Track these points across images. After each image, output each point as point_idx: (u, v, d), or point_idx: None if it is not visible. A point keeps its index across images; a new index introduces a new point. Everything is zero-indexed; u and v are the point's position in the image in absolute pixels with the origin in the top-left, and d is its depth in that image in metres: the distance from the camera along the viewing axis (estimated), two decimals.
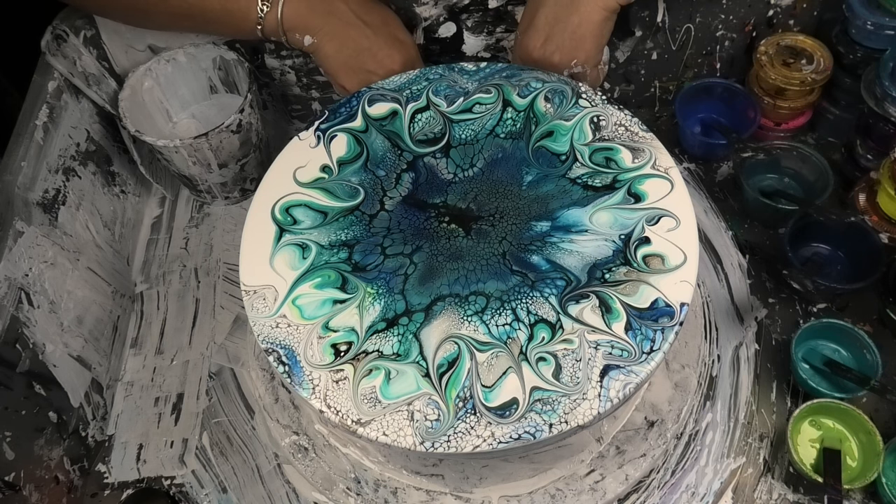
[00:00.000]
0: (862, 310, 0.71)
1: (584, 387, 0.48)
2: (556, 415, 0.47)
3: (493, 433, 0.47)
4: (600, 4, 0.66)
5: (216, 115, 0.84)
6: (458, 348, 0.50)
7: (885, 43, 0.73)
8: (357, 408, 0.49)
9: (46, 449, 0.65)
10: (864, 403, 0.65)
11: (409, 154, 0.60)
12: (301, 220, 0.57)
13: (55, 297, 0.68)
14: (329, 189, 0.59)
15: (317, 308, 0.53)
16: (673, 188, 0.56)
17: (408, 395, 0.49)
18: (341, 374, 0.50)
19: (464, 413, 0.48)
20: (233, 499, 0.66)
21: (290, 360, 0.51)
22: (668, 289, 0.51)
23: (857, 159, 0.77)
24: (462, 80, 0.64)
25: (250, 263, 0.55)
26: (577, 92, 0.62)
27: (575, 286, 0.52)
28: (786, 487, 0.63)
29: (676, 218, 0.54)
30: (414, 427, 0.48)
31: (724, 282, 0.74)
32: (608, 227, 0.55)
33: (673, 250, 0.53)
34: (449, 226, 0.57)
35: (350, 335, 0.51)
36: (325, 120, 0.62)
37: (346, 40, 0.70)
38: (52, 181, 0.72)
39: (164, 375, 0.74)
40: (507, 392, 0.48)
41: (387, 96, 0.63)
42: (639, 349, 0.49)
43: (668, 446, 0.63)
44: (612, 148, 0.59)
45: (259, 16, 0.69)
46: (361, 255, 0.55)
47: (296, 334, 0.52)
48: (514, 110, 0.62)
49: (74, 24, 0.77)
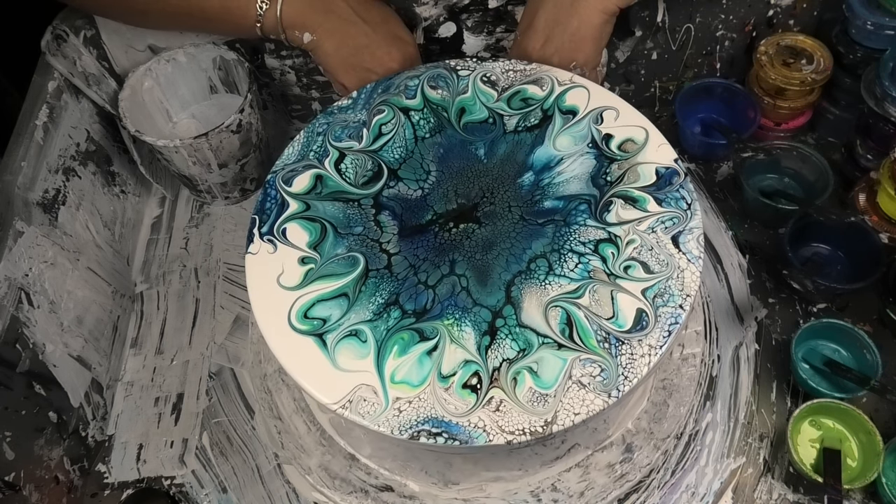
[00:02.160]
0: (862, 310, 0.71)
1: (674, 262, 0.53)
2: (676, 295, 0.51)
3: (649, 345, 0.49)
4: (600, 7, 0.66)
5: (216, 115, 0.84)
6: (562, 309, 0.51)
7: (885, 43, 0.73)
8: (534, 414, 0.48)
9: (46, 449, 0.65)
10: (864, 403, 0.65)
11: (367, 200, 0.58)
12: (328, 315, 0.53)
13: (55, 297, 0.68)
14: (326, 274, 0.55)
15: (419, 370, 0.50)
16: (589, 90, 0.62)
17: (563, 372, 0.49)
18: (495, 401, 0.48)
19: (616, 350, 0.49)
20: (233, 499, 0.66)
21: (440, 426, 0.48)
22: (655, 157, 0.58)
23: (857, 159, 0.77)
24: (350, 117, 0.63)
25: (320, 383, 0.50)
26: (450, 67, 0.65)
27: (596, 201, 0.56)
28: (786, 487, 0.63)
29: (613, 108, 0.61)
30: (591, 390, 0.48)
31: (724, 282, 0.74)
32: (573, 145, 0.60)
33: (632, 130, 0.60)
34: (458, 228, 0.57)
35: (470, 367, 0.50)
36: (261, 223, 0.57)
37: (345, 38, 0.70)
38: (52, 181, 0.72)
39: (164, 375, 0.74)
40: (628, 310, 0.51)
41: (297, 169, 0.60)
42: (680, 210, 0.55)
43: (668, 446, 0.63)
44: (519, 90, 0.63)
45: (258, 13, 0.69)
46: (412, 301, 0.53)
47: (423, 404, 0.49)
48: (416, 111, 0.63)
49: (74, 24, 0.77)
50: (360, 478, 0.61)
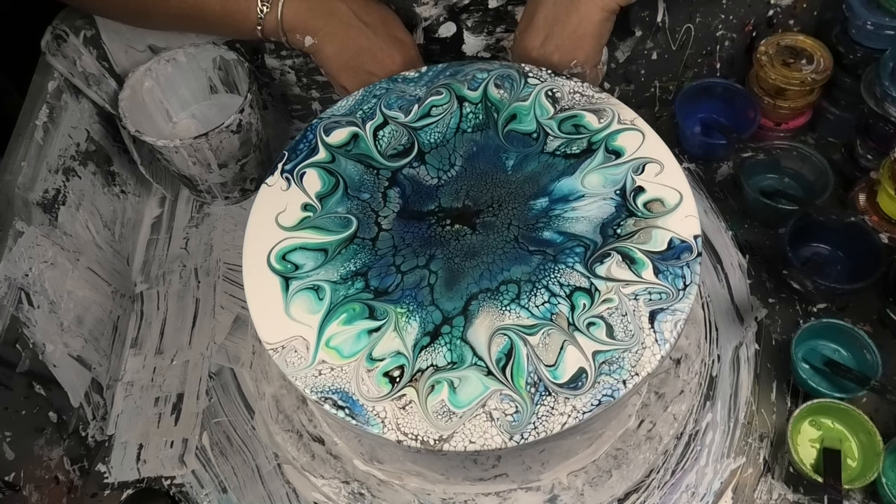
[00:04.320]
0: (862, 310, 0.71)
1: (640, 337, 0.50)
2: (625, 370, 0.49)
3: (573, 406, 0.48)
4: (600, 5, 0.66)
5: (216, 115, 0.84)
6: (508, 339, 0.51)
7: (885, 43, 0.73)
8: (434, 426, 0.48)
9: (46, 449, 0.65)
10: (864, 403, 0.65)
11: (386, 171, 0.59)
12: (302, 263, 0.55)
13: (55, 297, 0.68)
14: (319, 226, 0.57)
15: (354, 343, 0.51)
16: (644, 137, 0.59)
17: (479, 398, 0.48)
18: (405, 399, 0.49)
19: (539, 397, 0.48)
20: (233, 499, 0.66)
21: (346, 402, 0.49)
22: (676, 227, 0.55)
23: (857, 159, 0.77)
24: (409, 89, 0.64)
25: (266, 321, 0.53)
26: (523, 72, 0.64)
27: (594, 249, 0.54)
28: (786, 487, 0.63)
29: (658, 162, 0.58)
30: (497, 426, 0.48)
31: (724, 282, 0.74)
32: (601, 186, 0.57)
33: (667, 192, 0.56)
34: (453, 227, 0.57)
35: (399, 359, 0.50)
36: (288, 160, 0.60)
37: (346, 41, 0.70)
38: (52, 181, 0.72)
39: (164, 375, 0.74)
40: (571, 364, 0.49)
41: (341, 122, 0.62)
42: (674, 288, 0.52)
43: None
44: (576, 115, 0.61)
45: (259, 17, 0.69)
46: (378, 279, 0.54)
47: (343, 375, 0.50)
48: (470, 104, 0.63)
49: (74, 24, 0.77)
50: (302, 422, 0.63)
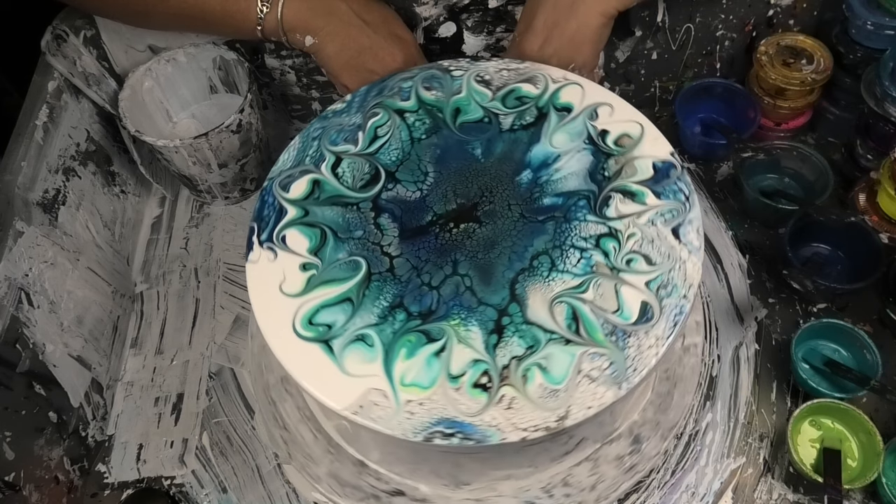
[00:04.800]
0: (862, 310, 0.71)
1: (675, 254, 0.53)
2: (679, 286, 0.52)
3: (655, 336, 0.50)
4: (599, 10, 0.66)
5: (216, 115, 0.84)
6: (566, 304, 0.51)
7: (885, 43, 0.73)
8: (546, 409, 0.47)
9: (46, 449, 0.65)
10: (864, 403, 0.65)
11: (365, 203, 0.57)
12: (332, 320, 0.52)
13: (55, 297, 0.68)
14: (329, 279, 0.54)
15: (428, 371, 0.49)
16: (583, 87, 0.62)
17: (572, 366, 0.49)
18: (507, 399, 0.48)
19: (622, 342, 0.49)
20: (233, 499, 0.66)
21: (454, 427, 0.47)
22: (651, 151, 0.58)
23: (857, 159, 0.77)
24: (345, 121, 0.62)
25: (329, 389, 0.49)
26: (443, 68, 0.65)
27: (595, 196, 0.56)
28: (786, 487, 0.63)
29: (607, 104, 0.61)
30: (602, 383, 0.48)
31: (724, 282, 0.74)
32: (570, 141, 0.59)
33: (627, 126, 0.60)
34: (459, 228, 0.56)
35: (479, 366, 0.49)
36: (259, 231, 0.56)
37: (347, 40, 0.70)
38: (52, 181, 0.72)
39: (164, 375, 0.74)
40: (633, 302, 0.51)
41: (293, 175, 0.59)
42: (679, 202, 0.55)
43: (668, 445, 0.63)
44: (513, 88, 0.63)
45: (259, 16, 0.69)
46: (417, 303, 0.52)
47: (435, 405, 0.48)
48: (411, 113, 0.62)
49: (74, 24, 0.77)
50: (371, 483, 0.60)
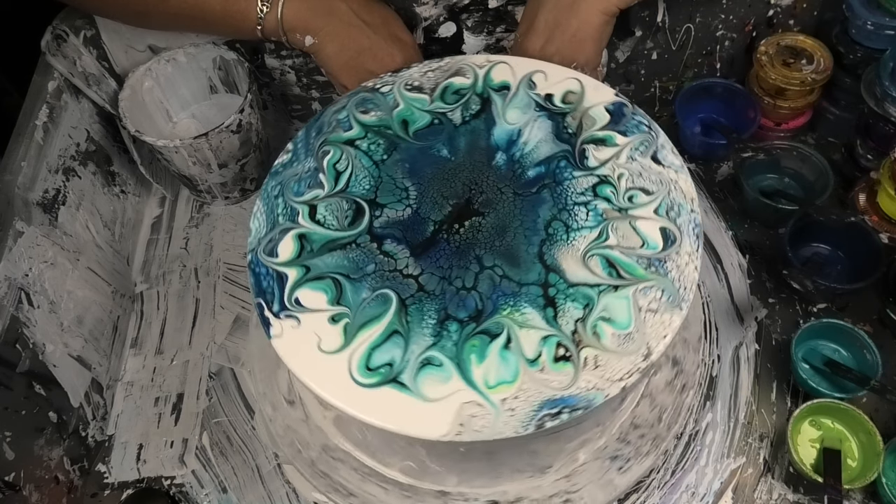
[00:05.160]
0: (862, 310, 0.71)
1: (664, 177, 0.57)
2: (683, 204, 0.55)
3: (686, 253, 0.53)
4: (600, 8, 0.66)
5: (216, 115, 0.84)
6: (596, 256, 0.53)
7: (885, 43, 0.73)
8: (631, 354, 0.49)
9: (46, 449, 0.65)
10: (864, 403, 0.65)
11: (362, 237, 0.56)
12: (391, 358, 0.50)
13: (55, 297, 0.68)
14: (365, 321, 0.51)
15: (506, 366, 0.49)
16: (508, 62, 0.64)
17: (630, 307, 0.51)
18: (590, 359, 0.49)
19: (661, 269, 0.52)
20: (233, 499, 0.66)
21: (556, 404, 0.47)
22: (599, 99, 0.61)
23: (857, 159, 0.77)
24: (299, 168, 0.60)
25: (424, 423, 0.48)
26: (369, 88, 0.64)
27: (572, 153, 0.59)
28: (786, 487, 0.63)
29: (539, 71, 0.63)
30: (664, 310, 0.51)
31: (724, 282, 0.74)
32: (523, 114, 0.61)
33: (566, 83, 0.62)
34: (465, 226, 0.56)
35: (550, 341, 0.50)
36: (268, 305, 0.53)
37: (347, 41, 0.70)
38: (52, 181, 0.72)
39: (164, 375, 0.74)
40: (653, 232, 0.54)
41: (275, 239, 0.56)
42: (646, 132, 0.59)
43: (668, 445, 0.63)
44: (446, 86, 0.64)
45: (259, 16, 0.69)
46: (463, 310, 0.52)
47: (530, 393, 0.48)
48: (361, 140, 0.61)
49: (74, 24, 0.77)
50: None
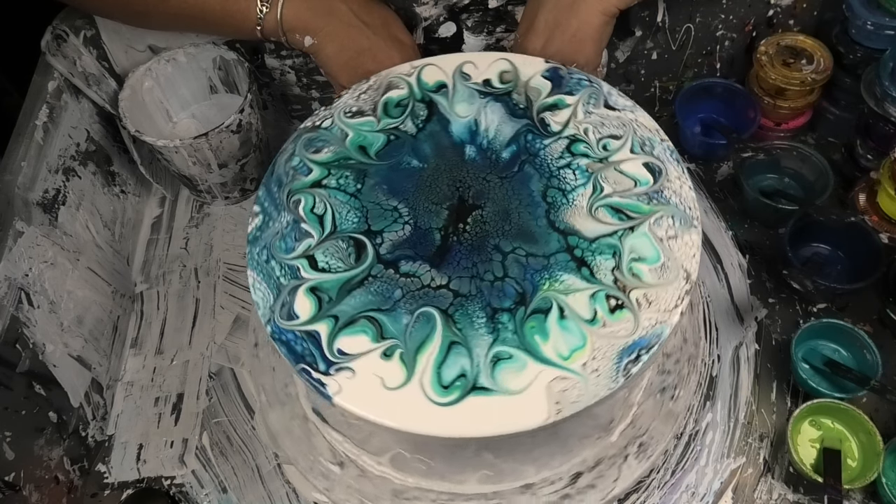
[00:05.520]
0: (862, 310, 0.71)
1: (624, 118, 0.60)
2: (654, 137, 0.59)
3: (677, 179, 0.56)
4: (600, 8, 0.66)
5: (216, 115, 0.84)
6: (602, 207, 0.56)
7: (885, 43, 0.73)
8: (672, 281, 0.52)
9: (46, 449, 0.65)
10: (864, 403, 0.65)
11: (376, 268, 0.54)
12: (460, 367, 0.49)
13: (55, 297, 0.68)
14: (418, 345, 0.50)
15: (570, 333, 0.50)
16: (435, 63, 0.65)
17: (653, 240, 0.54)
18: (642, 299, 0.51)
19: (664, 199, 0.56)
20: (233, 499, 0.66)
21: (636, 347, 0.49)
22: (532, 70, 0.64)
23: (857, 159, 0.77)
24: (277, 226, 0.56)
25: (520, 416, 0.48)
26: (312, 127, 0.62)
27: (532, 125, 0.61)
28: (786, 487, 0.63)
29: (466, 62, 0.65)
30: (684, 230, 0.54)
31: (724, 282, 0.74)
32: (471, 105, 0.62)
33: (496, 65, 0.64)
34: (469, 223, 0.56)
35: (598, 297, 0.51)
36: (315, 368, 0.50)
37: (346, 41, 0.70)
38: (52, 181, 0.72)
39: (164, 375, 0.74)
40: (639, 170, 0.57)
41: (285, 301, 0.53)
42: (590, 85, 0.62)
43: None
44: (385, 101, 0.63)
45: (258, 17, 0.69)
46: (505, 299, 0.52)
47: (605, 351, 0.49)
48: (326, 177, 0.59)
49: (74, 24, 0.77)
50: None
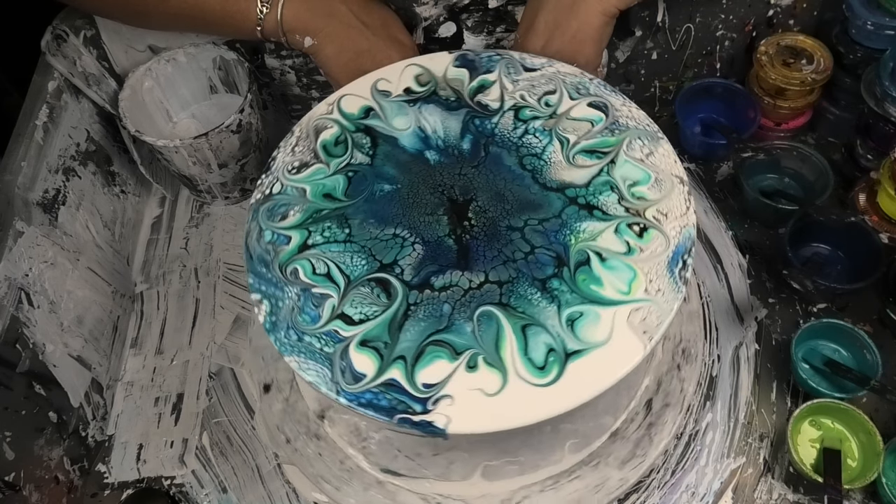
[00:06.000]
0: (862, 310, 0.71)
1: (545, 72, 0.63)
2: (578, 77, 0.63)
3: (621, 103, 0.60)
4: (600, 9, 0.66)
5: (216, 115, 0.84)
6: (576, 152, 0.58)
7: (885, 43, 0.73)
8: (677, 197, 0.55)
9: (46, 449, 0.65)
10: (864, 403, 0.65)
11: (410, 296, 0.53)
12: (546, 346, 0.50)
13: (55, 297, 0.68)
14: (496, 344, 0.50)
15: (624, 271, 0.52)
16: (347, 92, 0.65)
17: (643, 165, 0.57)
18: (655, 218, 0.54)
19: (621, 125, 0.59)
20: (233, 499, 0.66)
21: (679, 253, 0.52)
22: (441, 64, 0.65)
23: (857, 159, 0.77)
24: (289, 303, 0.53)
25: (615, 363, 0.49)
26: (267, 195, 0.59)
27: (473, 111, 0.62)
28: (786, 487, 0.63)
29: (380, 80, 0.65)
30: (648, 133, 0.58)
31: (724, 282, 0.74)
32: (404, 114, 0.63)
33: (405, 72, 0.65)
34: (471, 217, 0.57)
35: (621, 229, 0.54)
36: (413, 412, 0.48)
37: (346, 42, 0.70)
38: (52, 181, 0.72)
39: (164, 375, 0.74)
40: (588, 110, 0.61)
41: (345, 367, 0.50)
42: (498, 58, 0.65)
43: (668, 445, 0.63)
44: (324, 144, 0.62)
45: (259, 17, 0.69)
46: (545, 267, 0.53)
47: (657, 267, 0.52)
48: (311, 235, 0.56)
49: (74, 24, 0.77)
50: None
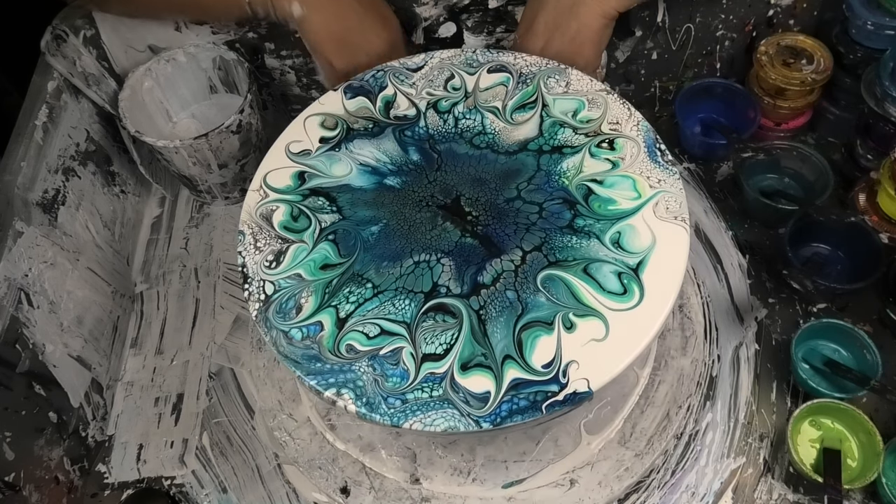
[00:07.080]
0: (862, 310, 0.71)
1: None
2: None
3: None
4: (599, 11, 0.65)
5: (216, 115, 0.84)
6: (520, 110, 0.62)
7: (885, 43, 0.73)
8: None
9: (46, 449, 0.65)
10: (864, 403, 0.65)
11: (473, 301, 0.52)
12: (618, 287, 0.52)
13: (55, 298, 0.68)
14: (581, 312, 0.51)
15: (620, 183, 0.57)
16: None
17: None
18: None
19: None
20: (233, 499, 0.66)
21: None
22: (388, 93, 0.66)
23: (857, 159, 0.77)
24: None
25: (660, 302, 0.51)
26: (246, 275, 0.56)
27: (396, 126, 0.63)
28: (786, 487, 0.63)
29: (315, 115, 0.68)
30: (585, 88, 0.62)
31: (724, 282, 0.74)
32: (377, 147, 0.63)
33: (351, 105, 0.67)
34: (470, 211, 0.57)
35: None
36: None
37: (334, 14, 0.69)
38: (51, 181, 0.72)
39: (164, 375, 0.74)
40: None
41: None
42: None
43: (668, 445, 0.63)
44: (293, 214, 0.60)
45: None
46: (559, 219, 0.56)
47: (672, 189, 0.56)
48: (325, 296, 0.54)
49: (74, 24, 0.77)
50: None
